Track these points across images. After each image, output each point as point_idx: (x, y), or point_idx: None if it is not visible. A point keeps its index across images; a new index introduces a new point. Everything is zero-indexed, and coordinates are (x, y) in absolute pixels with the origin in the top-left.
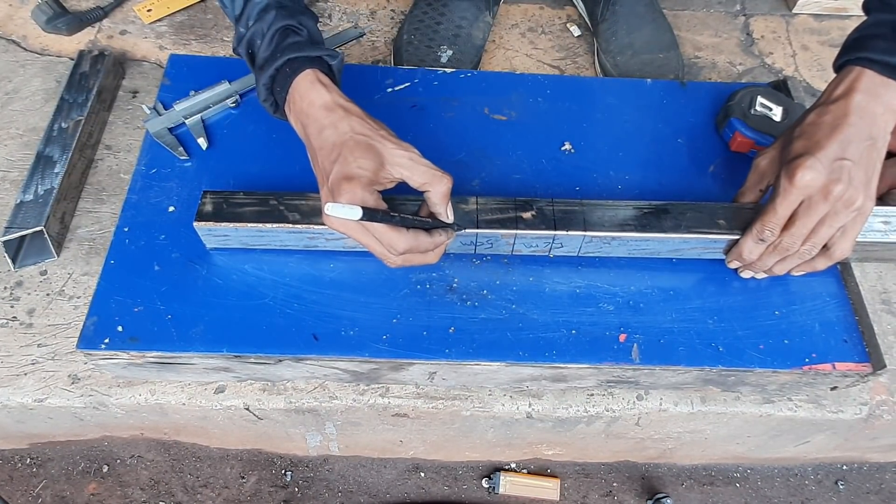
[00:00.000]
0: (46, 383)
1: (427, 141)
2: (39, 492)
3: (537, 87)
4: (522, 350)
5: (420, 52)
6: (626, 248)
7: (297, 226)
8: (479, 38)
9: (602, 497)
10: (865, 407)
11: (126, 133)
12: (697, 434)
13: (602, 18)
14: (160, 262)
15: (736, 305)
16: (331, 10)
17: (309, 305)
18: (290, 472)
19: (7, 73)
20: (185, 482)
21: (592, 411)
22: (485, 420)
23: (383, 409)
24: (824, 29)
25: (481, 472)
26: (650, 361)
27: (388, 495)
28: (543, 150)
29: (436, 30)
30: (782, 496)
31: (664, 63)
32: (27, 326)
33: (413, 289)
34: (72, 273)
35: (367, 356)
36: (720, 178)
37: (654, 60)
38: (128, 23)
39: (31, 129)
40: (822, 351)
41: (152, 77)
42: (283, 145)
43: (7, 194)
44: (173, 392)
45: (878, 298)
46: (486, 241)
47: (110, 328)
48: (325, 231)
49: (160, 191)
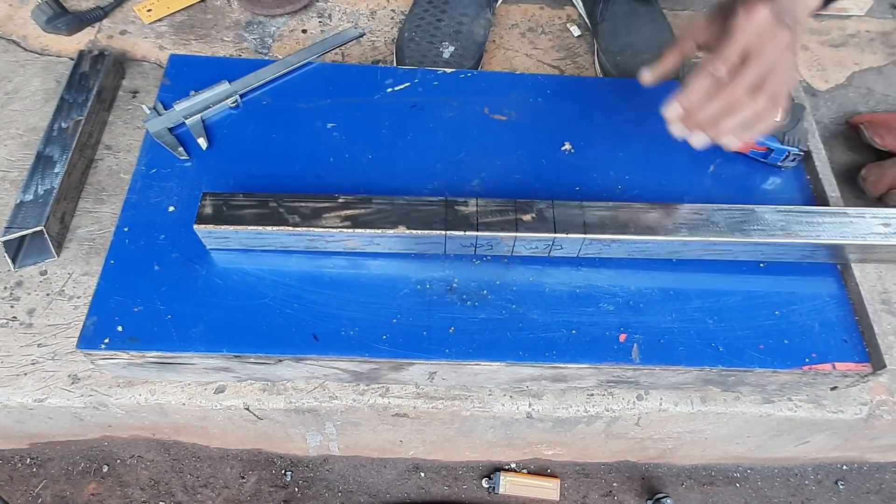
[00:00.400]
0: (46, 383)
1: (427, 141)
2: (39, 492)
3: (537, 87)
4: (522, 350)
5: (422, 49)
6: (625, 249)
7: (297, 229)
8: (480, 34)
9: (602, 497)
10: (865, 407)
11: (126, 133)
12: (697, 434)
13: (602, 18)
14: (160, 262)
15: (736, 305)
16: (331, 10)
17: (309, 305)
18: (290, 472)
19: (7, 73)
20: (185, 482)
21: (592, 411)
22: (485, 420)
23: (383, 409)
24: (824, 29)
25: (481, 472)
26: (650, 361)
27: (388, 495)
28: (543, 150)
29: (437, 26)
30: (782, 496)
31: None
32: (27, 326)
33: (413, 289)
34: (72, 273)
35: (367, 356)
36: (720, 178)
37: (654, 60)
38: (128, 23)
39: (31, 129)
40: (822, 351)
41: (152, 77)
42: (283, 145)
43: (7, 194)
44: (173, 392)
45: (878, 298)
46: (485, 244)
47: (110, 328)
48: (325, 233)
49: (160, 191)
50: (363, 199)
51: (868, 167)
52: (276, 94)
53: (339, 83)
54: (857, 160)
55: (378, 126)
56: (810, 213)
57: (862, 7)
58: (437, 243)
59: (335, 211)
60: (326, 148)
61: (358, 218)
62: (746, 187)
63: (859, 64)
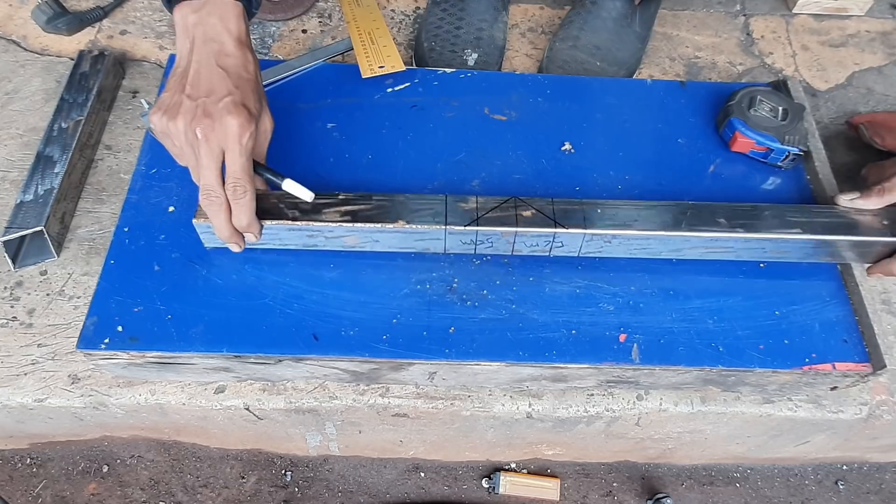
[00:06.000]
0: (46, 383)
1: (427, 141)
2: (39, 492)
3: (537, 87)
4: (522, 350)
5: (445, 58)
6: (626, 247)
7: (295, 223)
8: (500, 38)
9: (602, 497)
10: (865, 407)
11: (126, 133)
12: (697, 434)
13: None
14: (160, 262)
15: (736, 305)
16: (331, 10)
17: (309, 305)
18: (290, 472)
19: (7, 73)
20: (185, 482)
21: (592, 411)
22: (485, 420)
23: (383, 409)
24: (824, 29)
25: (481, 472)
26: (650, 361)
27: (388, 495)
28: (543, 150)
29: (457, 34)
30: (782, 496)
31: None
32: (27, 326)
33: (413, 289)
34: (72, 273)
35: (367, 356)
36: (720, 178)
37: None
38: (128, 23)
39: (31, 129)
40: (822, 351)
41: (152, 77)
42: (280, 143)
43: (7, 194)
44: (173, 392)
45: (878, 298)
46: (486, 240)
47: (110, 328)
48: (324, 228)
49: (160, 191)
50: (363, 195)
51: (868, 167)
52: (276, 93)
53: (339, 83)
54: (857, 160)
55: (378, 126)
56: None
57: (862, 7)
58: (437, 239)
59: (334, 206)
60: (326, 148)
61: (357, 213)
62: (746, 187)
63: (859, 64)
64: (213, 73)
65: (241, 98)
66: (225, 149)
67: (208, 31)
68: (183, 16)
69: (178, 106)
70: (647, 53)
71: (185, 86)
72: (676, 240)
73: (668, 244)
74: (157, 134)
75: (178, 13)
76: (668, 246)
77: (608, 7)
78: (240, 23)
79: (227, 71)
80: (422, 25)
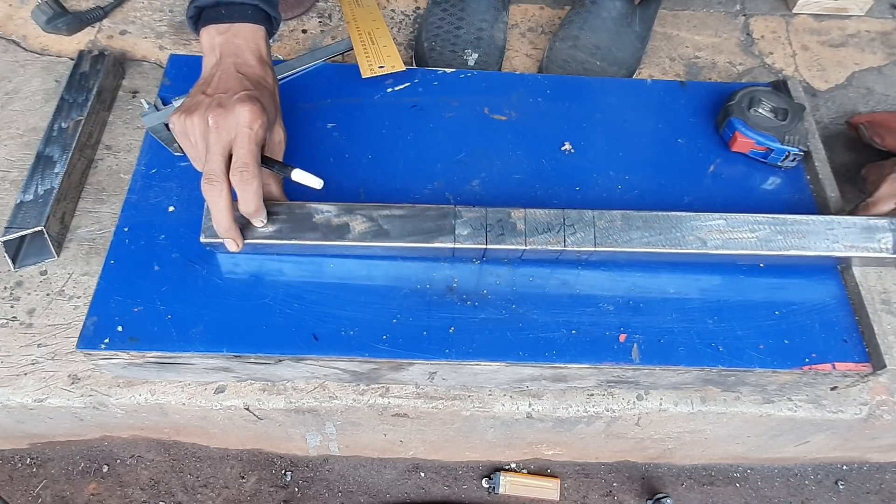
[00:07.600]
0: (46, 383)
1: (427, 141)
2: (39, 492)
3: (537, 87)
4: (522, 350)
5: (445, 58)
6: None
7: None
8: (500, 38)
9: (602, 497)
10: (865, 407)
11: (126, 133)
12: (697, 434)
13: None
14: (160, 262)
15: (736, 305)
16: (331, 10)
17: (309, 305)
18: (290, 472)
19: (7, 73)
20: (185, 482)
21: (592, 411)
22: (485, 420)
23: (383, 409)
24: (824, 29)
25: (481, 472)
26: (650, 361)
27: (388, 495)
28: (543, 150)
29: (457, 34)
30: (782, 496)
31: (600, 72)
32: (27, 326)
33: (413, 289)
34: (72, 273)
35: (367, 356)
36: (720, 178)
37: (588, 64)
38: (128, 23)
39: (31, 129)
40: (822, 351)
41: (152, 77)
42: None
43: (7, 194)
44: (173, 392)
45: (878, 298)
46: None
47: (110, 328)
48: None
49: (160, 191)
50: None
51: (868, 167)
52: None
53: (339, 83)
54: (857, 160)
55: (378, 126)
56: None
57: (862, 7)
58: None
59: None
60: (326, 148)
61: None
62: (746, 187)
63: (859, 64)
64: (232, 76)
65: (256, 95)
66: (235, 135)
67: (233, 49)
68: (210, 37)
69: (196, 105)
70: (647, 53)
71: (205, 90)
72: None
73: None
74: (178, 135)
75: (204, 35)
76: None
77: (608, 7)
78: (262, 43)
79: (247, 76)
80: (422, 25)
